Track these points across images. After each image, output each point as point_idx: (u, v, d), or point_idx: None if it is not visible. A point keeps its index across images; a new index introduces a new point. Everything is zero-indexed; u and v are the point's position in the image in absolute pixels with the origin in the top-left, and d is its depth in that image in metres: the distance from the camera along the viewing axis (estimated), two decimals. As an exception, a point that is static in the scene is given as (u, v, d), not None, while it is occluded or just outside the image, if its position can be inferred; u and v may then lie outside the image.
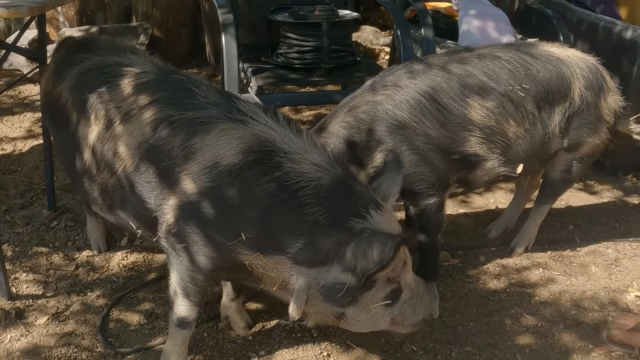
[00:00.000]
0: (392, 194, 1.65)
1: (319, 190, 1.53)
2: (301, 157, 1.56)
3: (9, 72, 4.19)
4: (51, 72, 2.09)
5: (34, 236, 2.50)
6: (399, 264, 1.60)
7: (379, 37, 5.19)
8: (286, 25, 3.05)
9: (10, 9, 2.04)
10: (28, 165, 3.07)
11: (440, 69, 2.10)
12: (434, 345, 1.98)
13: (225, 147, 1.55)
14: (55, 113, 1.97)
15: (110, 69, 1.85)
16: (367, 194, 1.60)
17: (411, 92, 2.05)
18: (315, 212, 1.51)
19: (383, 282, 1.59)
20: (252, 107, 1.64)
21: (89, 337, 1.99)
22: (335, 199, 1.54)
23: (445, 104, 2.04)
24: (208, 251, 1.61)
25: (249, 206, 1.53)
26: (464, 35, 3.42)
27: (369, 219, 1.54)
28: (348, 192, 1.57)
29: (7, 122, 3.56)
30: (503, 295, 2.24)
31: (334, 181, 1.56)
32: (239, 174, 1.53)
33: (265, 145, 1.55)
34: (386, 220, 1.57)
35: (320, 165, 1.57)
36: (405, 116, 2.03)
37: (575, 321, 2.10)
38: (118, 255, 2.41)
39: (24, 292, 2.19)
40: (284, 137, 1.58)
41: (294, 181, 1.52)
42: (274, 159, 1.54)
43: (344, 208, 1.54)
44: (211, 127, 1.58)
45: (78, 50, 2.07)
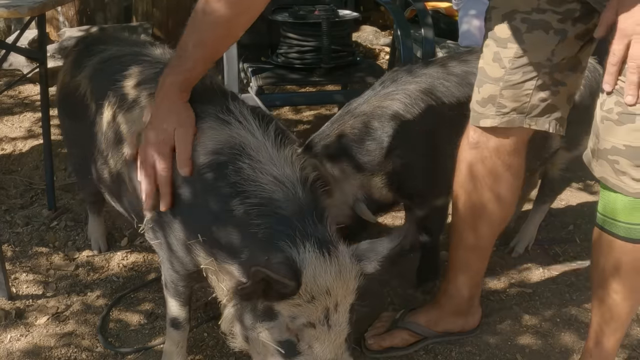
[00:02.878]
0: (368, 257, 1.43)
1: (267, 204, 1.43)
2: (264, 167, 1.48)
3: (9, 72, 4.19)
4: (69, 64, 2.10)
5: (34, 236, 2.50)
6: (291, 307, 1.36)
7: (379, 37, 5.19)
8: (286, 25, 3.06)
9: (10, 9, 2.04)
10: (28, 165, 3.07)
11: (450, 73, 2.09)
12: (434, 346, 1.98)
13: (200, 145, 1.53)
14: (73, 105, 1.98)
15: (128, 58, 1.85)
16: (318, 227, 1.41)
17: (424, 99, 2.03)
18: (257, 225, 1.42)
19: (284, 323, 1.38)
20: (242, 109, 1.59)
21: (89, 337, 1.99)
22: (278, 216, 1.42)
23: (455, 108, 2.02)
24: (176, 250, 1.60)
25: (207, 207, 1.50)
26: (464, 35, 3.42)
27: (300, 250, 1.36)
28: (295, 215, 1.42)
29: (7, 122, 3.56)
30: (503, 295, 2.24)
31: (287, 199, 1.44)
32: (204, 174, 1.51)
33: (234, 148, 1.50)
34: (320, 263, 1.35)
35: (280, 180, 1.47)
36: (416, 123, 2.00)
37: (575, 321, 2.10)
38: (118, 255, 2.41)
39: (24, 292, 2.19)
40: (259, 145, 1.52)
41: (248, 189, 1.45)
42: (237, 164, 1.48)
43: (284, 229, 1.40)
44: (199, 123, 1.56)
45: (97, 43, 2.08)
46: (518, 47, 1.60)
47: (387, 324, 1.98)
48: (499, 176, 1.73)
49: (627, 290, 1.57)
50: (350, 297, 1.39)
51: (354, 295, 1.40)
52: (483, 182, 1.76)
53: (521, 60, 1.60)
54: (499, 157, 1.72)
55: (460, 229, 1.87)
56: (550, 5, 1.56)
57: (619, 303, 1.59)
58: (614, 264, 1.54)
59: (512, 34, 1.61)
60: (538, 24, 1.57)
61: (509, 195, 1.78)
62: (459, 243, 1.89)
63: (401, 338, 1.95)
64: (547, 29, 1.57)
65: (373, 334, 1.96)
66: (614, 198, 1.48)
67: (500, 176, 1.73)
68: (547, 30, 1.57)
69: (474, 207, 1.80)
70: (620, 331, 1.66)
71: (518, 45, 1.60)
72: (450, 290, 1.95)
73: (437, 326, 1.96)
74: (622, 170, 1.42)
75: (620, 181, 1.44)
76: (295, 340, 1.38)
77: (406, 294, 2.23)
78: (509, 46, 1.62)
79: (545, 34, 1.57)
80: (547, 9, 1.56)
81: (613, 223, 1.51)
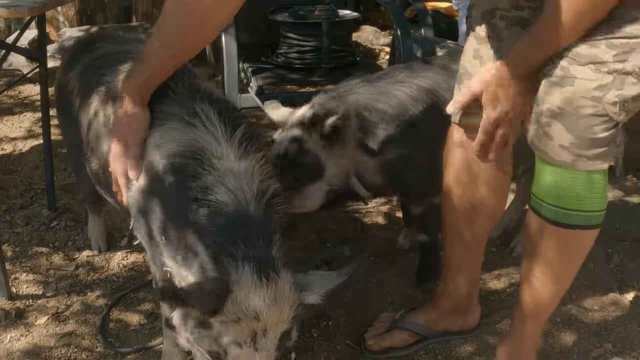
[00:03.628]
0: (311, 289, 1.39)
1: (217, 216, 1.40)
2: (221, 177, 1.44)
3: (9, 72, 4.19)
4: (64, 63, 2.12)
5: (34, 236, 2.50)
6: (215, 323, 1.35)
7: (379, 37, 5.19)
8: (286, 25, 3.06)
9: (10, 9, 2.05)
10: (28, 165, 3.07)
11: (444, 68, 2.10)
12: (433, 345, 1.98)
13: (162, 146, 1.52)
14: (67, 102, 1.99)
15: (118, 56, 1.86)
16: (262, 249, 1.38)
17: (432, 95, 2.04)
18: (206, 236, 1.40)
19: (214, 335, 1.37)
20: (210, 112, 1.54)
21: (89, 337, 2.00)
22: (225, 232, 1.39)
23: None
24: (151, 251, 1.60)
25: (166, 210, 1.49)
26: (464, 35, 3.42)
27: (238, 271, 1.34)
28: (242, 233, 1.38)
29: (7, 122, 3.56)
30: (503, 295, 2.24)
31: (237, 215, 1.40)
32: (163, 176, 1.49)
33: (196, 152, 1.47)
34: (253, 287, 1.32)
35: (235, 193, 1.42)
36: (422, 117, 2.01)
37: (575, 321, 2.10)
38: (118, 255, 2.41)
39: (24, 292, 2.20)
40: (221, 152, 1.48)
41: (201, 198, 1.41)
42: (196, 169, 1.45)
43: (227, 246, 1.37)
44: (161, 125, 1.55)
45: (91, 41, 2.09)
46: (498, 44, 1.61)
47: (387, 324, 1.98)
48: (488, 173, 1.73)
49: (549, 276, 1.57)
50: (283, 324, 1.36)
51: (288, 324, 1.37)
52: (472, 180, 1.75)
53: (500, 56, 1.59)
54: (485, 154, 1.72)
55: (452, 229, 1.87)
56: (527, 2, 1.56)
57: (540, 287, 1.59)
58: (538, 246, 1.55)
59: (491, 31, 1.61)
60: (516, 20, 1.58)
61: (499, 190, 1.78)
62: (452, 242, 1.89)
63: (401, 338, 1.95)
64: (524, 25, 1.57)
65: (373, 335, 1.96)
66: (543, 170, 1.48)
67: (488, 173, 1.73)
68: (524, 26, 1.57)
69: (465, 205, 1.80)
70: (540, 317, 1.67)
71: (497, 43, 1.61)
72: (448, 290, 1.95)
73: (436, 326, 1.97)
74: (551, 134, 1.42)
75: (549, 145, 1.43)
76: (223, 354, 1.37)
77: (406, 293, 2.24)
78: (489, 43, 1.62)
79: (522, 29, 1.57)
80: (525, 5, 1.57)
81: (540, 204, 1.51)
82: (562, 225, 1.49)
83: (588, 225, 1.50)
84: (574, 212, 1.47)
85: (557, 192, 1.47)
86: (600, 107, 1.35)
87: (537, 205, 1.52)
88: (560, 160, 1.43)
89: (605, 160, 1.42)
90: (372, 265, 2.38)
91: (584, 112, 1.36)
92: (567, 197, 1.46)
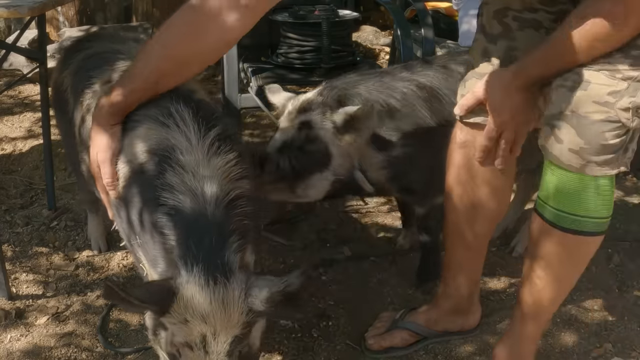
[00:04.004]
0: (256, 295, 1.35)
1: (175, 215, 1.39)
2: (185, 175, 1.42)
3: (9, 72, 4.19)
4: (59, 62, 2.12)
5: (34, 236, 2.50)
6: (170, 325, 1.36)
7: (379, 37, 5.19)
8: (286, 25, 3.06)
9: (10, 9, 2.04)
10: (28, 165, 3.07)
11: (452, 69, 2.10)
12: (434, 345, 1.98)
13: (136, 146, 1.52)
14: (62, 101, 1.99)
15: (108, 55, 1.86)
16: (213, 252, 1.35)
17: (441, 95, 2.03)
18: (164, 235, 1.39)
19: (169, 336, 1.39)
20: (184, 113, 1.53)
21: (89, 337, 1.99)
22: (180, 232, 1.38)
23: None
24: (130, 249, 1.60)
25: (134, 209, 1.49)
26: (464, 35, 3.42)
27: (186, 272, 1.33)
28: (195, 234, 1.37)
29: (7, 122, 3.56)
30: (503, 295, 2.24)
31: (194, 215, 1.38)
32: (138, 175, 1.49)
33: (166, 150, 1.46)
34: (199, 290, 1.32)
35: (195, 192, 1.40)
36: (426, 115, 2.01)
37: (575, 321, 2.10)
38: (118, 255, 2.41)
39: (24, 292, 2.20)
40: (190, 150, 1.46)
41: (162, 195, 1.40)
42: (162, 166, 1.44)
43: (180, 246, 1.37)
44: (138, 126, 1.55)
45: (86, 40, 2.11)
46: (508, 45, 1.61)
47: (387, 324, 1.98)
48: (490, 173, 1.73)
49: (550, 278, 1.57)
50: (234, 329, 1.34)
51: (239, 328, 1.35)
52: (474, 181, 1.75)
53: (510, 58, 1.60)
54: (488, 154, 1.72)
55: (454, 229, 1.86)
56: (542, 4, 1.56)
57: (541, 289, 1.59)
58: (541, 249, 1.55)
59: (502, 30, 1.61)
60: (529, 22, 1.58)
61: (501, 191, 1.78)
62: (454, 243, 1.89)
63: (401, 338, 1.95)
64: (538, 28, 1.57)
65: (373, 334, 1.96)
66: (550, 173, 1.47)
67: (491, 173, 1.73)
68: (538, 29, 1.57)
69: (467, 206, 1.80)
70: (540, 318, 1.67)
71: (508, 43, 1.61)
72: (449, 290, 1.95)
73: (437, 326, 1.97)
74: (561, 137, 1.41)
75: (558, 149, 1.43)
76: (177, 355, 1.38)
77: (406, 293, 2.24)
78: (499, 43, 1.62)
79: (536, 31, 1.57)
80: (540, 8, 1.57)
81: (544, 206, 1.51)
82: (566, 230, 1.48)
83: (593, 231, 1.49)
84: (579, 218, 1.47)
85: (563, 196, 1.46)
86: (612, 113, 1.35)
87: (542, 208, 1.52)
88: (569, 165, 1.42)
89: (614, 167, 1.41)
90: (372, 265, 2.38)
91: (596, 118, 1.36)
92: (572, 202, 1.46)
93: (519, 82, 1.52)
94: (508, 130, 1.59)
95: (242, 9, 1.42)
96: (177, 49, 1.48)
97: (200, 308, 1.32)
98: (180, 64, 1.52)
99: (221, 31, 1.45)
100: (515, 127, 1.59)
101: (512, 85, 1.53)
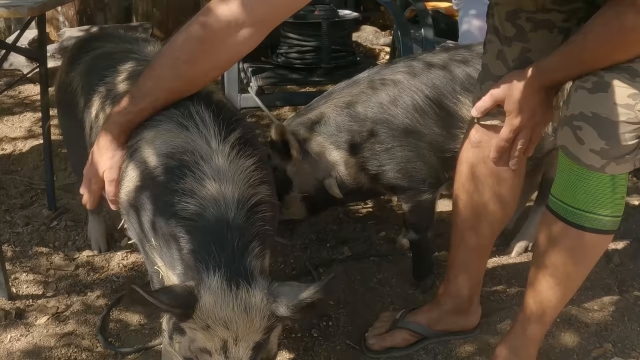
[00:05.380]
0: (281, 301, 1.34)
1: (197, 220, 1.38)
2: (206, 179, 1.41)
3: (9, 72, 4.19)
4: (66, 62, 2.12)
5: (34, 236, 2.50)
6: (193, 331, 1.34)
7: (379, 37, 5.19)
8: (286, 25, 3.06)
9: (11, 8, 2.04)
10: (28, 165, 3.07)
11: (439, 67, 2.12)
12: (434, 345, 1.98)
13: (155, 146, 1.50)
14: (68, 101, 1.99)
15: (119, 55, 1.86)
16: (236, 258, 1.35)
17: (409, 90, 2.07)
18: (185, 240, 1.39)
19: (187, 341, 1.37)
20: (205, 114, 1.52)
21: (89, 337, 1.99)
22: (202, 237, 1.37)
23: (440, 102, 2.07)
24: (142, 251, 1.59)
25: (153, 212, 1.47)
26: (464, 36, 3.41)
27: (208, 278, 1.32)
28: (217, 239, 1.36)
29: (7, 122, 3.56)
30: (503, 295, 2.24)
31: (216, 220, 1.37)
32: (154, 177, 1.48)
33: (185, 154, 1.45)
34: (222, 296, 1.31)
35: (216, 197, 1.39)
36: (399, 112, 2.05)
37: (575, 321, 2.10)
38: (118, 255, 2.41)
39: (24, 292, 2.20)
40: (210, 154, 1.44)
41: (184, 200, 1.40)
42: (183, 171, 1.42)
43: (202, 251, 1.36)
44: (156, 126, 1.53)
45: (93, 40, 2.10)
46: (523, 47, 1.61)
47: (388, 324, 1.98)
48: (501, 175, 1.73)
49: (561, 277, 1.57)
50: (255, 335, 1.34)
51: (261, 334, 1.35)
52: (485, 181, 1.76)
53: (525, 59, 1.60)
54: None
55: (461, 229, 1.87)
56: (555, 4, 1.56)
57: (550, 289, 1.59)
58: (554, 248, 1.54)
59: (516, 32, 1.61)
60: (543, 23, 1.58)
61: (510, 194, 1.78)
62: (459, 243, 1.89)
63: (402, 338, 1.95)
64: (552, 28, 1.58)
65: (374, 334, 1.96)
66: (568, 172, 1.48)
67: (502, 175, 1.73)
68: (551, 29, 1.58)
69: (475, 206, 1.80)
70: (545, 318, 1.67)
71: (522, 45, 1.61)
72: (451, 290, 1.95)
73: (437, 326, 1.97)
74: (582, 138, 1.42)
75: (579, 149, 1.43)
76: None
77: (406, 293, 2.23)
78: (514, 45, 1.62)
79: (549, 33, 1.58)
80: (552, 8, 1.57)
81: (560, 205, 1.51)
82: (581, 227, 1.49)
83: (608, 229, 1.50)
84: (598, 216, 1.47)
85: (582, 195, 1.47)
86: (632, 115, 1.36)
87: (557, 207, 1.52)
88: (590, 165, 1.43)
89: (630, 165, 1.43)
90: (372, 265, 2.38)
91: (617, 119, 1.37)
92: (591, 201, 1.47)
93: (537, 84, 1.53)
94: (525, 131, 1.61)
95: (256, 24, 1.42)
96: (188, 69, 1.47)
97: (222, 314, 1.31)
98: (191, 82, 1.52)
99: (234, 47, 1.45)
100: (532, 128, 1.61)
101: (531, 87, 1.54)
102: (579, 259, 1.55)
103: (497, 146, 1.66)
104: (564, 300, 1.64)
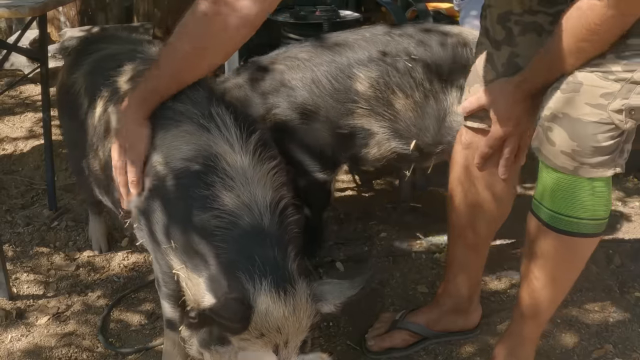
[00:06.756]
0: (326, 299, 1.39)
1: (232, 229, 1.39)
2: (235, 186, 1.41)
3: (10, 72, 4.19)
4: (68, 63, 2.12)
5: (35, 236, 2.50)
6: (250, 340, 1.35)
7: (380, 37, 5.18)
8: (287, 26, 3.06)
9: (12, 9, 2.05)
10: (29, 165, 3.07)
11: (335, 44, 2.15)
12: (434, 346, 1.98)
13: (176, 148, 1.49)
14: (70, 102, 1.98)
15: (123, 56, 1.86)
16: (278, 264, 1.36)
17: (308, 64, 2.11)
18: (221, 247, 1.39)
19: (234, 351, 1.37)
20: (225, 116, 1.52)
21: (89, 337, 2.00)
22: (240, 246, 1.38)
23: (334, 76, 2.09)
24: (154, 252, 1.59)
25: (178, 215, 1.47)
26: (464, 36, 3.41)
27: (256, 287, 1.33)
28: (257, 247, 1.37)
29: (8, 122, 3.57)
30: (503, 296, 2.24)
31: (252, 228, 1.38)
32: (177, 180, 1.47)
33: (209, 159, 1.44)
34: (273, 303, 1.32)
35: (249, 204, 1.40)
36: (298, 85, 2.08)
37: (575, 322, 2.10)
38: (119, 255, 2.41)
39: (24, 292, 2.20)
40: (235, 159, 1.44)
41: (215, 207, 1.40)
42: (210, 177, 1.42)
43: (243, 260, 1.36)
44: (175, 126, 1.52)
45: (96, 41, 2.10)
46: (511, 51, 1.61)
47: (387, 325, 1.99)
48: (494, 175, 1.73)
49: (547, 278, 1.57)
50: (302, 334, 1.38)
51: (306, 332, 1.39)
52: (478, 182, 1.76)
53: (514, 65, 1.60)
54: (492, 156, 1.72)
55: (457, 229, 1.87)
56: (542, 6, 1.56)
57: (539, 290, 1.59)
58: (537, 249, 1.54)
59: (506, 36, 1.61)
60: (530, 26, 1.57)
61: (505, 192, 1.78)
62: (457, 242, 1.89)
63: (401, 339, 1.95)
64: (540, 32, 1.57)
65: (373, 335, 1.96)
66: (545, 175, 1.47)
67: (495, 175, 1.73)
68: (539, 32, 1.57)
69: (470, 206, 1.80)
70: (539, 318, 1.67)
71: (511, 49, 1.60)
72: (450, 290, 1.95)
73: (437, 326, 1.97)
74: (553, 139, 1.41)
75: (550, 151, 1.42)
76: None
77: (406, 294, 2.24)
78: (503, 49, 1.62)
79: (538, 36, 1.57)
80: (539, 10, 1.56)
81: (540, 207, 1.51)
82: (560, 231, 1.48)
83: (590, 233, 1.48)
84: (574, 219, 1.46)
85: (558, 198, 1.46)
86: (605, 115, 1.34)
87: (537, 209, 1.52)
88: (562, 167, 1.42)
89: (609, 168, 1.40)
90: (372, 266, 2.38)
91: (588, 119, 1.35)
92: (567, 204, 1.45)
93: (521, 93, 1.53)
94: (512, 139, 1.61)
95: None
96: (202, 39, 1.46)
97: (275, 321, 1.33)
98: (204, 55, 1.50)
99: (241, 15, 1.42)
100: (520, 136, 1.61)
101: (514, 97, 1.54)
102: (561, 262, 1.54)
103: (480, 152, 1.66)
104: (555, 301, 1.64)
